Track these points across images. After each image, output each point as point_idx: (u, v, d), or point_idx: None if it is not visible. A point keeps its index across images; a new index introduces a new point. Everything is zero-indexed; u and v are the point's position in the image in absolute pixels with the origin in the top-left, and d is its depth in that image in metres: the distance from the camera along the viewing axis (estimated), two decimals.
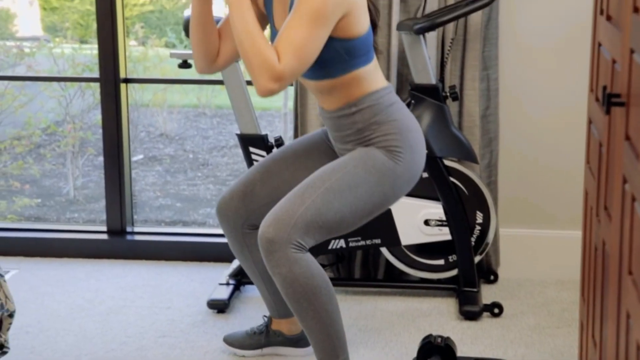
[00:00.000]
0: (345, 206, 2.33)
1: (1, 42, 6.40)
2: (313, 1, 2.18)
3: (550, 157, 3.49)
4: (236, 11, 2.22)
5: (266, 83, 2.18)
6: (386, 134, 2.37)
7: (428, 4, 3.27)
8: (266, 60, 2.17)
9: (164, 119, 7.33)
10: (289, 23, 2.20)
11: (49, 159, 6.14)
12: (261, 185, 2.60)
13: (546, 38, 3.40)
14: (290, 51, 2.18)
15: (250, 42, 2.19)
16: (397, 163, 2.36)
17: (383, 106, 2.38)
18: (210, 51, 2.47)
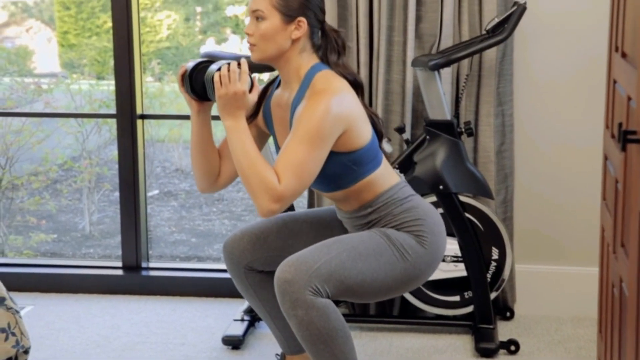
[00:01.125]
0: (368, 270, 2.32)
1: (19, 78, 6.46)
2: (310, 122, 2.21)
3: (566, 193, 3.47)
4: (234, 135, 2.26)
5: (267, 204, 2.21)
6: (407, 220, 2.39)
7: (443, 40, 3.28)
8: (266, 181, 2.20)
9: (180, 155, 7.36)
10: (287, 144, 2.24)
11: (65, 195, 6.16)
12: (275, 237, 2.59)
13: (561, 74, 3.40)
14: (290, 172, 2.21)
15: (249, 165, 2.22)
16: (424, 246, 2.37)
17: (399, 200, 2.41)
18: (211, 172, 2.50)
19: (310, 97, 2.26)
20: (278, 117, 2.46)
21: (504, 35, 3.07)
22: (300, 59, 2.36)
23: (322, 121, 2.22)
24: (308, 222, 2.61)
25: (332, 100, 2.25)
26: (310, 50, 2.38)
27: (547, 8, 3.36)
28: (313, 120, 2.22)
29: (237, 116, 2.28)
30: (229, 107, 2.27)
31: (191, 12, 10.79)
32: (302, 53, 2.36)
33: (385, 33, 3.28)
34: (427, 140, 3.20)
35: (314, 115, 2.22)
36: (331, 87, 2.28)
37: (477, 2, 3.26)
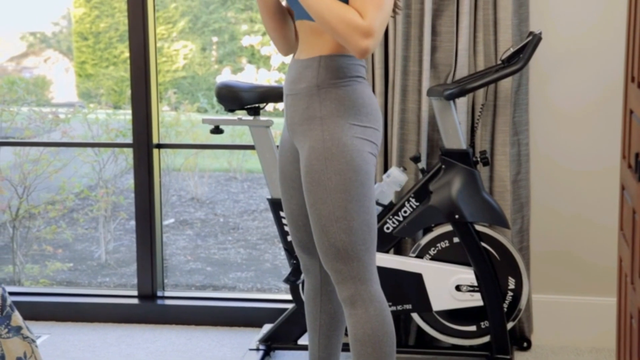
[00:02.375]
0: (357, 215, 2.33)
1: (37, 108, 6.51)
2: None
3: (583, 222, 3.46)
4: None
5: (360, 42, 2.20)
6: (338, 101, 2.35)
7: (458, 70, 3.29)
8: (351, 22, 2.20)
9: (195, 183, 7.39)
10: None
11: (81, 224, 6.19)
12: (297, 231, 2.63)
13: (577, 103, 3.40)
14: (370, 5, 2.21)
15: (329, 12, 2.22)
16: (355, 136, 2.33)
17: (348, 74, 2.38)
18: (287, 34, 2.53)
19: None
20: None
21: (520, 65, 3.08)
22: None
23: None
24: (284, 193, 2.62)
25: None
26: None
27: (562, 38, 3.37)
28: None
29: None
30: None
31: (207, 42, 10.88)
32: None
33: (401, 63, 3.30)
34: (443, 169, 3.20)
35: None
36: None
37: (492, 32, 3.27)
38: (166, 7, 10.48)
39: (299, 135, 2.40)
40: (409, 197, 3.22)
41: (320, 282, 2.68)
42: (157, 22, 5.13)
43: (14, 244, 5.33)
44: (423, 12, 3.27)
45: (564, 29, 3.36)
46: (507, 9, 3.23)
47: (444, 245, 3.26)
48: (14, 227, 5.37)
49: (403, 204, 3.23)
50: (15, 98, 6.33)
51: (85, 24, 10.60)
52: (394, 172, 3.21)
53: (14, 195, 5.42)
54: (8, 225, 5.47)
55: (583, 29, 3.35)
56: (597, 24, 3.34)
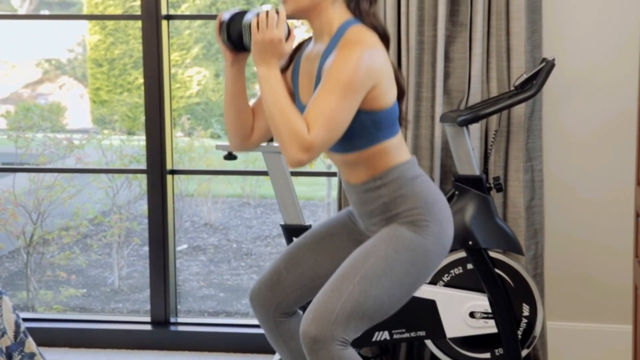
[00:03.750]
0: (383, 292, 2.30)
1: (52, 134, 6.55)
2: (343, 72, 2.18)
3: (597, 249, 3.44)
4: (266, 83, 2.24)
5: (295, 153, 2.18)
6: (412, 207, 2.35)
7: (471, 96, 3.29)
8: (295, 130, 2.17)
9: (209, 209, 7.40)
10: (318, 94, 2.21)
11: (95, 249, 6.20)
12: (286, 273, 2.58)
13: (591, 129, 3.40)
14: (320, 122, 2.18)
15: (280, 113, 2.20)
16: (426, 238, 2.34)
17: (408, 179, 2.37)
18: (244, 129, 2.47)
19: (343, 47, 2.23)
20: (305, 70, 2.43)
21: (533, 92, 3.08)
22: (332, 11, 2.33)
23: (355, 71, 2.18)
24: (308, 243, 2.58)
25: (365, 51, 2.21)
26: (342, 2, 2.35)
27: (575, 64, 3.37)
28: (345, 69, 2.18)
29: (271, 64, 2.25)
30: (264, 54, 2.25)
31: (221, 68, 10.93)
32: (335, 4, 2.33)
33: (414, 89, 3.31)
34: (456, 195, 3.20)
35: (346, 65, 2.19)
36: (364, 40, 2.24)
37: (505, 58, 3.27)
38: (180, 33, 10.55)
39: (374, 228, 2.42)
40: None
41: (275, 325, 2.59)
42: (171, 48, 5.17)
43: (27, 270, 5.34)
44: (436, 38, 3.28)
45: (577, 55, 3.36)
46: (520, 35, 3.24)
47: (458, 272, 3.25)
48: (28, 253, 5.38)
49: None
50: (31, 124, 6.37)
51: (100, 50, 10.68)
52: None
53: (28, 221, 5.44)
54: (22, 252, 5.49)
55: (596, 55, 3.35)
56: (610, 50, 3.34)
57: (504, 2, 3.24)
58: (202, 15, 5.88)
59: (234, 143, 2.50)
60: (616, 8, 3.33)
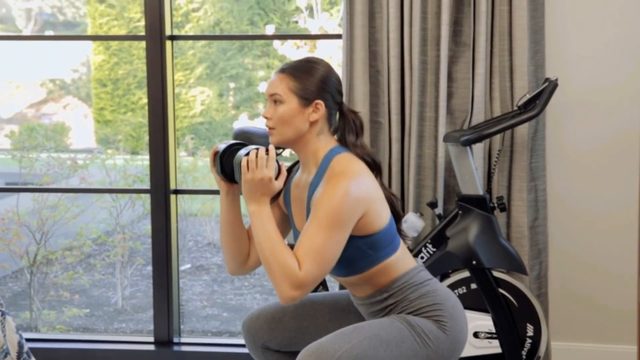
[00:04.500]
0: (390, 358, 2.28)
1: (56, 154, 6.56)
2: (329, 206, 2.20)
3: (602, 269, 3.43)
4: (257, 220, 2.27)
5: (288, 291, 2.19)
6: (425, 305, 2.34)
7: (474, 116, 3.30)
8: (287, 268, 2.18)
9: (212, 229, 7.39)
10: (307, 229, 2.22)
11: (98, 269, 6.20)
12: (291, 318, 2.56)
13: (594, 149, 3.40)
14: (310, 257, 2.19)
15: (271, 251, 2.22)
16: (445, 332, 2.33)
17: (415, 284, 2.36)
18: (240, 253, 2.48)
19: (329, 181, 2.25)
20: (296, 197, 2.45)
21: (536, 112, 3.08)
22: (318, 142, 2.36)
23: (342, 205, 2.20)
24: (325, 304, 2.57)
25: (351, 183, 2.23)
26: (328, 132, 2.37)
27: (578, 83, 3.37)
28: (332, 204, 2.20)
29: (261, 202, 2.28)
30: (254, 192, 2.28)
31: (224, 88, 10.97)
32: (320, 135, 2.36)
33: (417, 109, 3.31)
34: (460, 215, 3.19)
35: (333, 199, 2.20)
36: (350, 170, 2.26)
37: (508, 78, 3.28)
38: (184, 53, 10.58)
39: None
40: (425, 243, 3.21)
41: (261, 353, 2.58)
42: (175, 68, 5.19)
43: (31, 290, 5.34)
44: (439, 58, 3.29)
45: (580, 75, 3.37)
46: (523, 56, 3.25)
47: (462, 292, 3.24)
48: (31, 273, 5.38)
49: (420, 249, 3.21)
50: (35, 144, 6.38)
51: (104, 70, 10.72)
52: (411, 218, 3.20)
53: (31, 241, 5.44)
54: (26, 272, 5.48)
55: (599, 75, 3.36)
56: (613, 70, 3.35)
57: (507, 23, 3.25)
58: (206, 35, 5.91)
59: (231, 268, 2.50)
60: (619, 28, 3.34)
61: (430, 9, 3.28)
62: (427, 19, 3.29)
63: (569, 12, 3.35)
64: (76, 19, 11.56)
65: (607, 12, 3.34)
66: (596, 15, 3.34)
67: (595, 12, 3.34)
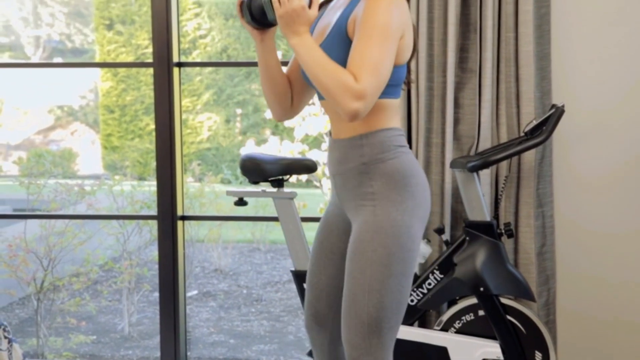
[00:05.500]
0: (394, 291, 2.30)
1: (63, 180, 6.58)
2: (379, 18, 2.21)
3: (611, 296, 3.42)
4: (302, 50, 2.26)
5: (350, 104, 2.19)
6: (388, 175, 2.34)
7: (481, 142, 3.30)
8: (344, 83, 2.19)
9: (219, 254, 7.39)
10: (357, 44, 2.22)
11: (105, 296, 6.19)
12: (317, 302, 2.57)
13: (602, 174, 3.39)
14: (366, 69, 2.19)
15: (324, 73, 2.22)
16: (403, 215, 2.32)
17: (392, 146, 2.37)
18: (283, 98, 2.51)
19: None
20: (324, 20, 2.45)
21: (543, 138, 3.08)
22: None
23: (389, 17, 2.22)
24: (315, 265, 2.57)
25: (394, 1, 2.25)
26: None
27: (585, 109, 3.37)
28: (380, 15, 2.21)
29: (300, 32, 2.27)
30: (291, 25, 2.27)
31: (231, 114, 10.99)
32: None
33: (424, 135, 3.32)
34: (467, 241, 3.19)
35: (380, 11, 2.22)
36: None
37: (515, 104, 3.29)
38: (191, 80, 10.64)
39: (352, 210, 2.39)
40: (433, 269, 3.21)
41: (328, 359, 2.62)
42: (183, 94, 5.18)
43: (38, 317, 5.34)
44: (445, 84, 3.30)
45: (587, 101, 3.37)
46: (529, 82, 3.25)
47: (469, 318, 3.23)
48: (38, 300, 5.38)
49: (427, 276, 3.21)
50: (42, 171, 6.41)
51: (111, 97, 10.78)
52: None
53: (39, 267, 5.44)
54: (33, 298, 5.48)
55: (605, 100, 3.36)
56: (620, 95, 3.36)
57: (513, 50, 3.26)
58: (213, 62, 5.94)
59: (277, 113, 2.53)
60: (625, 54, 3.34)
61: (436, 36, 3.30)
62: (433, 45, 3.30)
63: (575, 38, 3.36)
64: (84, 46, 11.63)
65: (613, 38, 3.35)
66: (602, 42, 3.35)
67: (601, 38, 3.35)
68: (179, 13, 3.74)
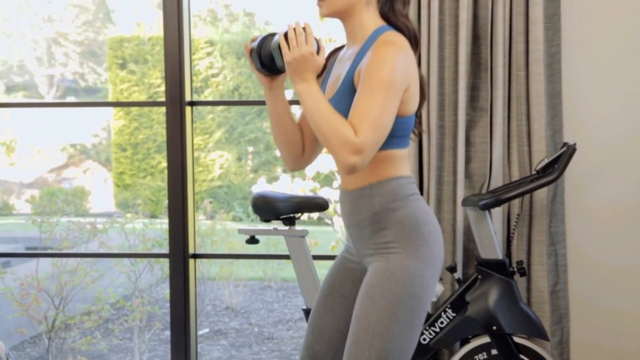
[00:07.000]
0: (398, 338, 2.27)
1: (75, 219, 6.60)
2: (382, 72, 2.21)
3: (626, 335, 3.39)
4: (308, 97, 2.26)
5: (348, 158, 2.18)
6: (401, 223, 2.33)
7: (493, 180, 3.30)
8: (343, 135, 2.18)
9: (230, 292, 7.38)
10: (359, 97, 2.22)
11: (116, 334, 6.18)
12: (317, 345, 2.54)
13: (615, 213, 3.38)
14: (366, 123, 2.19)
15: (325, 123, 2.21)
16: (415, 263, 2.30)
17: (402, 194, 2.36)
18: (296, 148, 2.50)
19: (378, 47, 2.25)
20: (335, 72, 2.45)
21: (555, 176, 3.08)
22: (367, 13, 2.36)
23: (393, 70, 2.21)
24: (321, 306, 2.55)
25: (400, 52, 2.24)
26: (376, 4, 2.37)
27: (597, 147, 3.37)
28: (384, 69, 2.21)
29: (308, 79, 2.27)
30: (299, 71, 2.27)
31: (243, 151, 11.03)
32: (369, 6, 2.36)
33: (435, 173, 3.32)
34: (479, 279, 3.18)
35: (384, 65, 2.21)
36: (398, 42, 2.27)
37: (526, 142, 3.29)
38: (203, 118, 10.70)
39: (367, 258, 2.38)
40: (445, 308, 3.19)
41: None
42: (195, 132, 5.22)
43: (49, 356, 5.32)
44: (457, 123, 3.31)
45: (598, 139, 3.37)
46: (540, 120, 3.26)
47: (482, 357, 3.21)
48: (49, 339, 5.37)
49: (440, 314, 3.19)
50: (55, 209, 6.43)
51: (124, 135, 10.85)
52: None
53: (50, 306, 5.44)
54: (44, 337, 5.47)
55: (617, 138, 3.36)
56: (632, 133, 3.35)
57: (524, 88, 3.27)
58: (225, 101, 5.96)
59: (289, 164, 2.52)
60: (636, 92, 3.35)
61: (447, 75, 3.31)
62: (444, 84, 3.32)
63: (586, 77, 3.37)
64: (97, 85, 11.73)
65: (623, 76, 3.36)
66: (613, 80, 3.36)
67: (612, 76, 3.36)
68: (191, 52, 3.77)
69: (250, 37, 2.36)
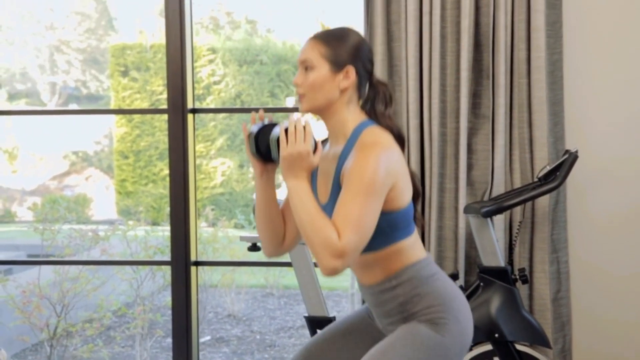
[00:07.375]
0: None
1: (77, 226, 6.60)
2: (364, 175, 2.20)
3: (628, 342, 3.39)
4: (296, 195, 2.26)
5: (329, 262, 2.17)
6: (429, 305, 2.32)
7: (494, 187, 3.30)
8: (326, 239, 2.17)
9: (232, 300, 7.37)
10: (342, 199, 2.22)
11: (118, 342, 6.17)
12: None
13: (617, 220, 3.38)
14: (349, 227, 2.18)
15: (311, 224, 2.20)
16: (444, 336, 2.30)
17: (424, 278, 2.35)
18: (276, 235, 2.49)
19: (361, 150, 2.24)
20: (323, 170, 2.44)
21: (556, 183, 3.08)
22: (347, 111, 2.35)
23: (375, 173, 2.19)
24: (328, 340, 2.54)
25: (383, 153, 2.23)
26: (357, 102, 2.37)
27: (599, 155, 3.37)
28: (366, 172, 2.19)
29: (300, 177, 2.27)
30: (293, 168, 2.27)
31: (245, 158, 11.02)
32: (350, 104, 2.35)
33: (437, 180, 3.32)
34: (481, 287, 3.17)
35: (366, 168, 2.20)
36: (381, 141, 2.26)
37: (528, 150, 3.29)
38: (205, 125, 10.71)
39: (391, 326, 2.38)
40: None
41: None
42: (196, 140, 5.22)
43: None
44: (459, 130, 3.31)
45: (600, 146, 3.37)
46: (542, 127, 3.26)
47: None
48: (51, 346, 5.36)
49: None
50: (57, 217, 6.43)
51: (126, 142, 10.85)
52: None
53: (52, 313, 5.44)
54: (45, 344, 5.47)
55: (619, 145, 3.36)
56: (633, 140, 3.35)
57: (526, 95, 3.28)
58: (228, 108, 5.97)
59: (268, 250, 2.50)
60: (637, 100, 3.35)
61: (449, 82, 3.31)
62: (446, 91, 3.32)
63: (588, 84, 3.37)
64: (99, 92, 11.74)
65: (625, 83, 3.36)
66: (615, 87, 3.36)
67: (614, 84, 3.36)
68: (193, 60, 3.78)
69: (251, 116, 2.36)
